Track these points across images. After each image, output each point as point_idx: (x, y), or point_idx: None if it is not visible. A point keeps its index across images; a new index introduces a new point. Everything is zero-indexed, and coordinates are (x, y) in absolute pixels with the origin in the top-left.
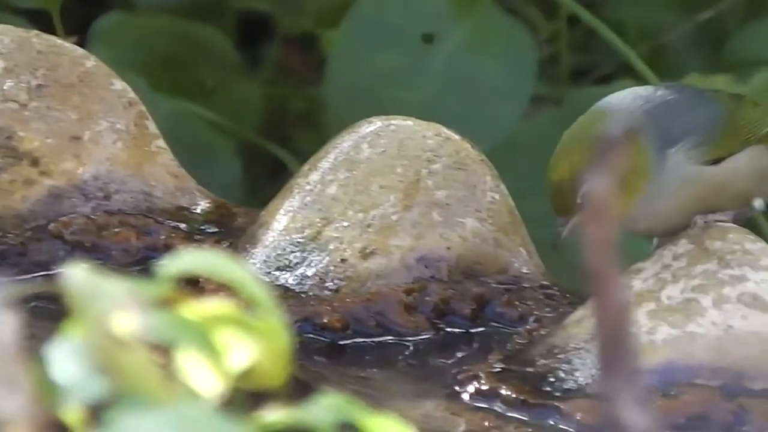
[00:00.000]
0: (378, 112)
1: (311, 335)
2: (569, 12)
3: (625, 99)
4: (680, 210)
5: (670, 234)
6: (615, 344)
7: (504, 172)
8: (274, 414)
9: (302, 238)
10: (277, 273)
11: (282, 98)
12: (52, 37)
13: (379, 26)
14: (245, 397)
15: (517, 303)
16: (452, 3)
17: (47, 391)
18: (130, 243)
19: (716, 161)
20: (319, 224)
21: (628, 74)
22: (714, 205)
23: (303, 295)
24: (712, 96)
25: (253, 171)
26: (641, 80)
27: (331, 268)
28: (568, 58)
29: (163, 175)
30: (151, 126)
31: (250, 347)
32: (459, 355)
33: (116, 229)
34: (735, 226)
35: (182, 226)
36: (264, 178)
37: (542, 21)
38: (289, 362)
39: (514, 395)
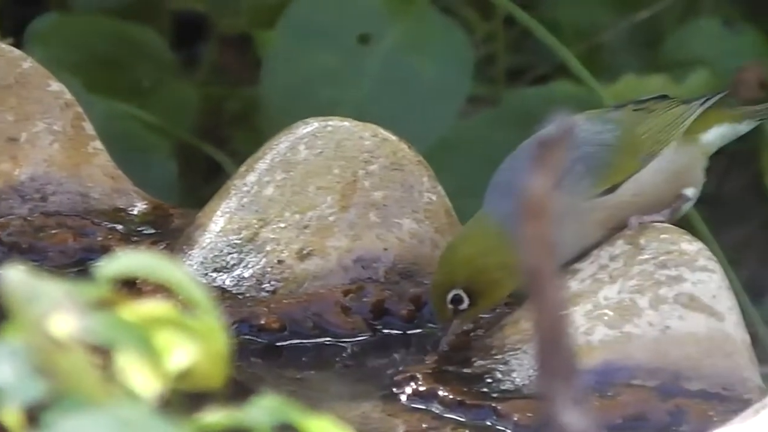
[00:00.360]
0: (314, 112)
1: (248, 336)
2: (505, 12)
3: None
4: (588, 240)
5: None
6: (553, 345)
7: (440, 172)
8: (212, 415)
9: (239, 239)
10: (214, 274)
11: (218, 99)
12: None
13: (314, 26)
14: (184, 398)
15: None
16: (388, 3)
17: None
18: (67, 244)
19: (613, 188)
20: (256, 225)
21: (564, 74)
22: (622, 220)
23: (240, 297)
24: (605, 121)
25: (189, 172)
26: (577, 80)
27: (268, 269)
28: (504, 58)
29: (100, 176)
30: (88, 127)
31: (188, 348)
32: (396, 356)
33: (53, 231)
34: (671, 226)
35: (119, 227)
36: (200, 179)
37: (478, 21)
38: (227, 363)
39: (451, 396)
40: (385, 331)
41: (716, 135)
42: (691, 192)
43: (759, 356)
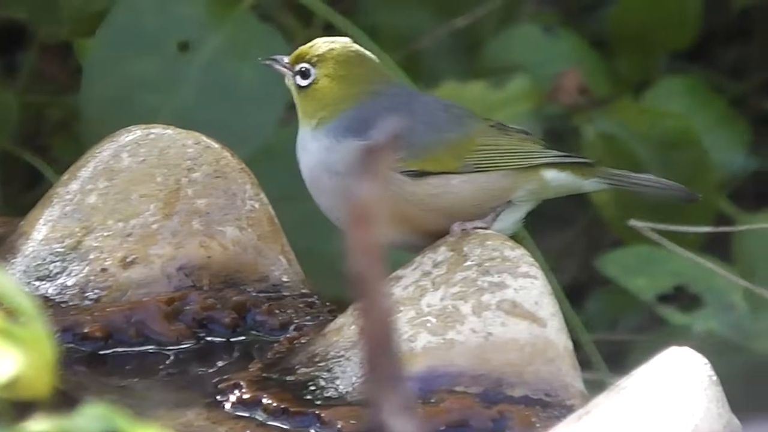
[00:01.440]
0: (134, 119)
1: (72, 345)
2: (325, 19)
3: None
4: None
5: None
6: (379, 351)
7: (262, 179)
8: (38, 424)
9: (62, 247)
10: (38, 283)
11: (38, 107)
12: None
13: (134, 34)
14: (10, 407)
15: (277, 311)
16: (208, 10)
17: None
18: None
19: (422, 174)
20: (79, 234)
21: None
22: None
23: (63, 305)
24: (463, 114)
25: (10, 180)
26: None
27: (92, 277)
28: None
29: None
30: None
31: (14, 357)
32: (220, 363)
33: None
34: (494, 233)
35: None
36: (21, 187)
37: (298, 28)
38: (53, 372)
39: (275, 404)
40: (209, 338)
41: (559, 182)
42: (516, 196)
43: (581, 362)
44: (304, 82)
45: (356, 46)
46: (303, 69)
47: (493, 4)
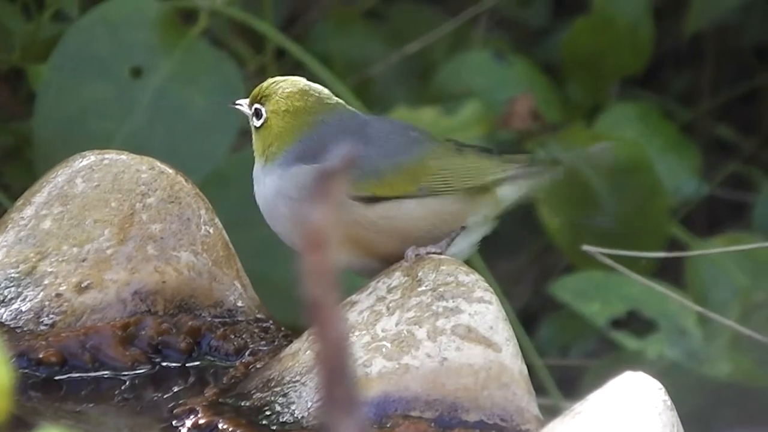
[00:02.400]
0: (87, 145)
1: (27, 370)
2: (277, 45)
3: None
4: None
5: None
6: (334, 376)
7: (215, 204)
8: None
9: (17, 272)
10: None
11: None
12: None
13: (86, 60)
14: None
15: (232, 336)
16: (159, 36)
17: None
18: None
19: (375, 199)
20: (33, 259)
21: None
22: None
23: (18, 330)
24: (418, 137)
25: None
26: None
27: (47, 302)
28: None
29: None
30: None
31: None
32: (175, 388)
33: None
34: (448, 257)
35: None
36: None
37: (250, 54)
38: (8, 398)
39: (230, 429)
40: (164, 363)
41: (514, 196)
42: (473, 220)
43: (535, 387)
44: (257, 123)
45: (303, 81)
46: (256, 109)
47: (444, 30)
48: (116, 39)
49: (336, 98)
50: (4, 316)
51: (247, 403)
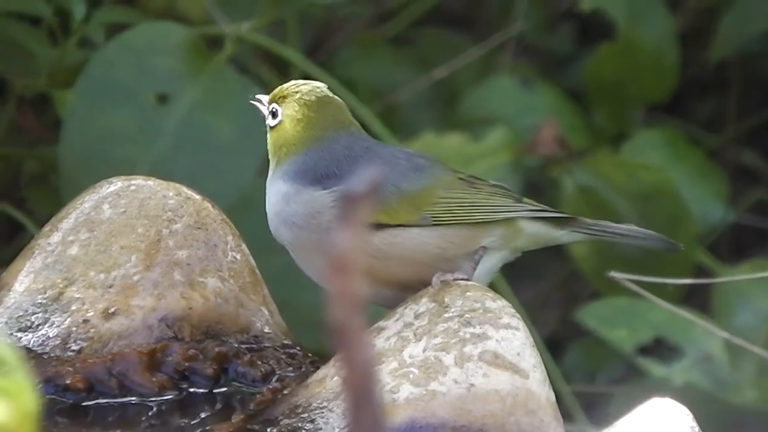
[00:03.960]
0: (112, 171)
1: (54, 396)
2: (302, 71)
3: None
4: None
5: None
6: (362, 403)
7: (241, 230)
8: None
9: (44, 299)
10: (20, 334)
11: (16, 159)
12: None
13: (112, 86)
14: None
15: (259, 362)
16: (185, 63)
17: None
18: None
19: (377, 225)
20: (60, 285)
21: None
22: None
23: (45, 356)
24: (425, 164)
25: None
26: (376, 138)
27: (74, 328)
28: None
29: None
30: None
31: None
32: (202, 415)
33: None
34: (475, 284)
35: None
36: (0, 239)
37: (275, 80)
38: (35, 423)
39: None
40: (191, 389)
41: (534, 232)
42: (487, 241)
43: (561, 413)
44: (272, 122)
45: (324, 90)
46: (273, 109)
47: (471, 56)
48: (142, 65)
49: (351, 116)
50: (32, 342)
51: (274, 430)
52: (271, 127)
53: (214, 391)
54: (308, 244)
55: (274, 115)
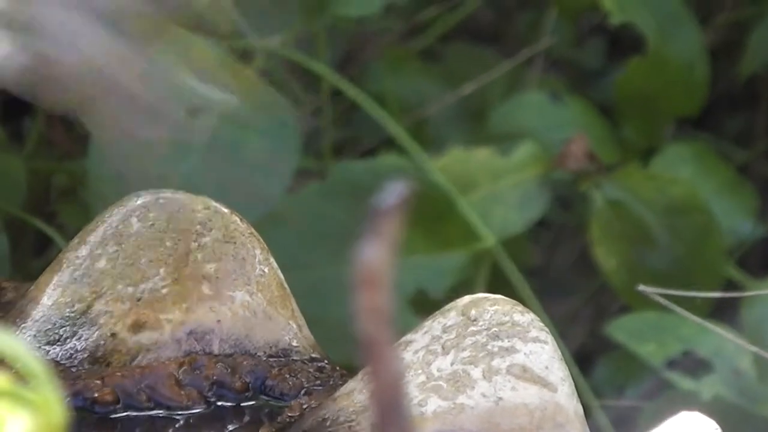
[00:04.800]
0: (142, 186)
1: (82, 410)
2: (332, 85)
3: None
4: None
5: None
6: (389, 416)
7: (269, 244)
8: None
9: (72, 312)
10: (48, 347)
11: (46, 173)
12: None
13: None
14: None
15: (287, 376)
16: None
17: None
18: None
19: None
20: (88, 298)
21: (391, 147)
22: None
23: (73, 370)
24: None
25: (19, 246)
26: (404, 153)
27: (102, 342)
28: (331, 131)
29: None
30: None
31: (25, 420)
32: (230, 428)
33: None
34: (504, 297)
35: None
36: (29, 253)
37: (305, 94)
38: None
39: None
40: (219, 403)
41: None
42: None
43: (590, 428)
44: None
45: None
46: None
47: (499, 71)
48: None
49: None
50: (60, 356)
51: None
52: None
53: (242, 404)
54: None
55: None
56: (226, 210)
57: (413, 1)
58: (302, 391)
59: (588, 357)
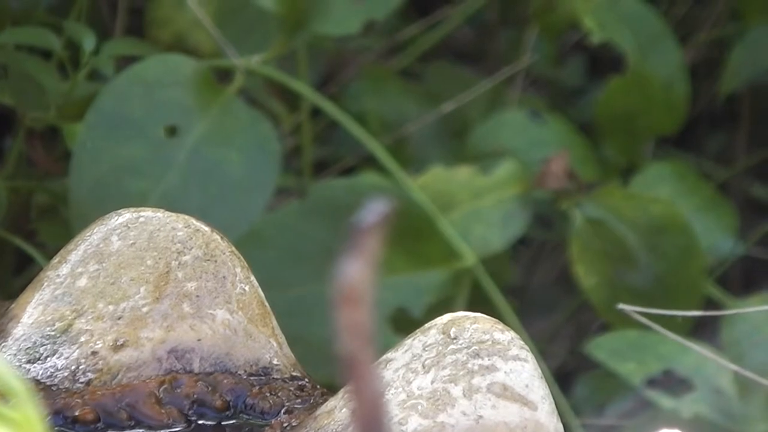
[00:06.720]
0: (122, 204)
1: (62, 428)
2: (312, 104)
3: None
4: None
5: None
6: None
7: (250, 263)
8: None
9: (53, 330)
10: (28, 366)
11: (26, 192)
12: None
13: (121, 119)
14: None
15: (268, 394)
16: (194, 95)
17: None
18: None
19: None
20: (69, 316)
21: (371, 166)
22: None
23: (54, 388)
24: None
25: None
26: (384, 171)
27: (82, 360)
28: (311, 149)
29: None
30: None
31: None
32: None
33: None
34: (484, 315)
35: None
36: (10, 271)
37: (285, 113)
38: None
39: None
40: (200, 422)
41: None
42: None
43: None
44: None
45: None
46: None
47: (480, 89)
48: (151, 98)
49: None
50: (40, 374)
51: None
52: None
53: (223, 423)
54: None
55: None
56: (206, 228)
57: (393, 20)
58: (283, 410)
59: (568, 375)
